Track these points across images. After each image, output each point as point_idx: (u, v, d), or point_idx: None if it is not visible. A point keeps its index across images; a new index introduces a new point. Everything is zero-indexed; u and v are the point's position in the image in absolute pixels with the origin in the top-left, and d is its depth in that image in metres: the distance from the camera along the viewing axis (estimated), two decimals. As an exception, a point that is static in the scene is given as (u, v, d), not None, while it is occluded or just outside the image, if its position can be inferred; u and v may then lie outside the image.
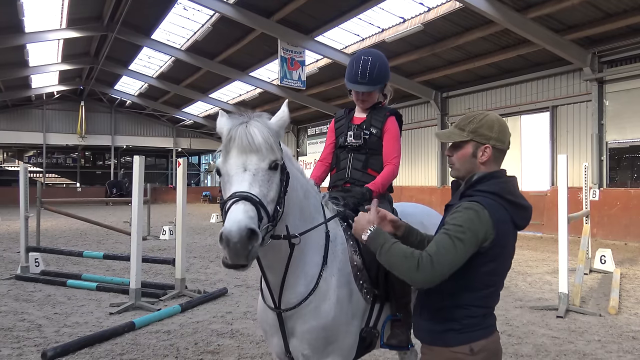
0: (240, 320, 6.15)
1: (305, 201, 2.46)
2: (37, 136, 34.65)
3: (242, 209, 1.88)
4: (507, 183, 2.18)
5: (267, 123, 2.14)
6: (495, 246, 2.07)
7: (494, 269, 2.12)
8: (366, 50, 3.21)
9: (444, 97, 19.89)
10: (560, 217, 6.59)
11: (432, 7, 14.43)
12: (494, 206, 2.08)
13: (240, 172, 2.01)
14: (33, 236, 10.67)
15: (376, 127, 3.11)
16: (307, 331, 2.40)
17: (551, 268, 9.51)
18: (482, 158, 2.19)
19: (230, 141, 2.05)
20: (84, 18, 19.63)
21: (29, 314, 6.36)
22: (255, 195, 1.95)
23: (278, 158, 2.08)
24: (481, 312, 2.15)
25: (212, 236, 15.44)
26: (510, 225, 2.14)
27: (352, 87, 3.13)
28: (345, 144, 3.16)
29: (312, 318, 2.40)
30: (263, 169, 2.03)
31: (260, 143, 2.02)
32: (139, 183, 6.69)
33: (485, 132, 2.18)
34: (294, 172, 2.37)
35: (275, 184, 2.08)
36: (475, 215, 2.03)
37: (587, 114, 14.79)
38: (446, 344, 2.14)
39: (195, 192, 39.20)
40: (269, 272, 2.42)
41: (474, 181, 2.19)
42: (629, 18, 12.28)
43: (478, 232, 2.01)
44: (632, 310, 6.64)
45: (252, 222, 1.86)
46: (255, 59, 21.03)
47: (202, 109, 33.27)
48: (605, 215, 13.63)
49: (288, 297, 2.41)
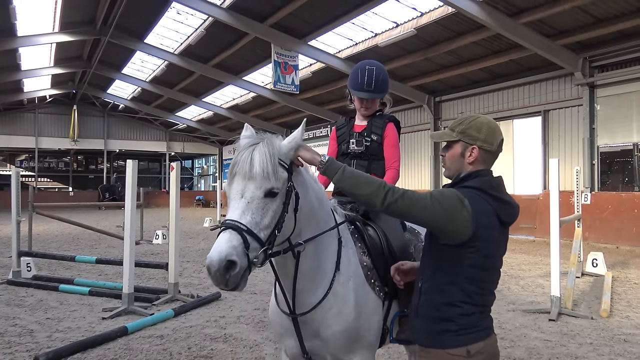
0: (233, 325, 6.14)
1: (320, 209, 2.56)
2: (29, 140, 34.47)
3: (226, 239, 2.02)
4: (491, 180, 2.26)
5: (275, 147, 2.22)
6: (475, 238, 2.11)
7: (477, 262, 2.14)
8: (368, 61, 3.35)
9: (437, 101, 19.98)
10: (552, 220, 6.64)
11: (425, 12, 14.51)
12: (475, 199, 2.15)
13: (237, 198, 2.14)
14: (25, 241, 10.62)
15: (377, 134, 3.25)
16: (332, 335, 2.52)
17: (543, 271, 9.56)
18: (470, 158, 2.28)
19: (234, 165, 2.18)
20: (77, 22, 19.57)
21: (21, 319, 6.32)
22: (243, 224, 2.07)
23: (275, 186, 2.15)
24: (475, 310, 2.16)
25: (205, 240, 15.40)
26: (495, 220, 2.18)
27: (357, 94, 3.26)
28: (347, 151, 3.28)
29: (335, 323, 2.51)
30: (258, 197, 2.13)
31: (257, 172, 2.11)
32: (132, 187, 6.67)
33: (473, 133, 2.27)
34: (309, 182, 2.49)
35: (272, 211, 2.16)
36: (455, 197, 2.13)
37: (578, 118, 14.92)
38: (442, 346, 2.15)
39: (188, 196, 39.12)
40: (284, 279, 2.53)
41: (460, 179, 2.29)
42: (619, 23, 12.41)
43: (454, 210, 2.10)
44: (624, 313, 6.68)
45: (234, 252, 2.00)
46: (248, 63, 21.05)
47: (195, 113, 33.23)
48: (597, 218, 13.72)
49: (302, 302, 2.51)
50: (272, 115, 28.85)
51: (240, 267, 2.00)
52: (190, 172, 48.22)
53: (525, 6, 12.68)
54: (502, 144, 2.32)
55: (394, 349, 5.12)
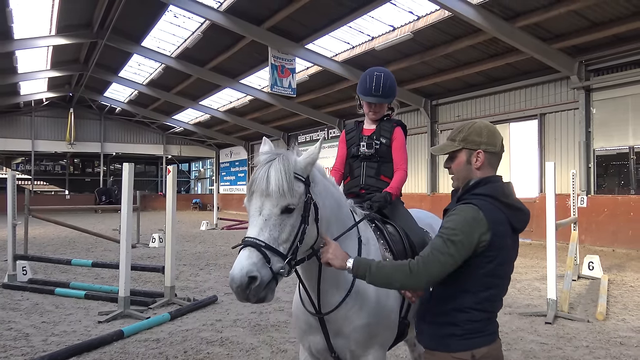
0: (230, 328, 6.13)
1: (339, 210, 2.67)
2: (25, 143, 34.36)
3: (246, 256, 2.13)
4: (502, 186, 2.24)
5: (290, 162, 2.30)
6: (491, 247, 2.11)
7: (491, 270, 2.14)
8: (376, 67, 3.50)
9: (433, 104, 20.02)
10: (548, 223, 6.66)
11: (422, 16, 14.54)
12: (489, 208, 2.13)
13: (256, 215, 2.24)
14: (21, 244, 10.59)
15: (385, 137, 3.43)
16: (354, 330, 2.62)
17: (540, 274, 9.57)
18: (477, 163, 2.26)
19: (252, 183, 2.28)
20: (74, 25, 19.53)
21: (16, 323, 6.30)
22: (262, 240, 2.17)
23: (291, 203, 2.24)
24: (483, 316, 2.18)
25: (202, 244, 15.38)
26: (508, 227, 2.17)
27: (366, 99, 3.42)
28: (358, 154, 3.44)
29: (357, 318, 2.61)
30: (275, 214, 2.22)
31: (273, 190, 2.20)
32: (128, 190, 6.66)
33: (475, 138, 2.27)
34: (327, 186, 2.61)
35: (289, 225, 2.26)
36: (469, 217, 2.09)
37: (574, 121, 14.96)
38: (448, 349, 2.17)
39: (185, 199, 39.11)
40: (308, 281, 2.64)
41: (471, 186, 2.26)
42: (615, 27, 12.45)
43: (472, 234, 2.07)
44: (620, 316, 6.69)
45: (255, 268, 2.11)
46: (245, 67, 21.04)
47: (192, 116, 33.19)
48: (593, 222, 13.75)
49: (327, 302, 2.61)
50: (269, 119, 28.84)
51: (261, 280, 2.11)
52: (187, 175, 48.16)
53: (522, 10, 12.73)
54: (503, 144, 2.33)
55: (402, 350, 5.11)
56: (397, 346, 5.20)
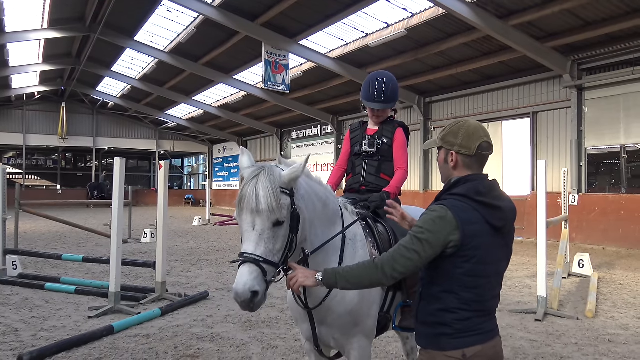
0: (220, 324, 6.12)
1: (325, 210, 2.78)
2: (16, 137, 34.11)
3: (247, 272, 2.29)
4: (477, 185, 2.23)
5: (275, 178, 2.38)
6: (464, 247, 2.12)
7: (471, 270, 2.14)
8: (379, 72, 3.65)
9: (427, 102, 20.05)
10: (539, 221, 6.68)
11: (416, 13, 14.55)
12: (460, 207, 2.15)
13: (250, 229, 2.36)
14: (11, 239, 10.51)
15: (387, 137, 3.58)
16: (337, 318, 2.77)
17: (531, 272, 9.62)
18: (451, 163, 2.32)
19: (241, 200, 2.37)
20: (66, 18, 19.39)
21: (5, 318, 6.26)
22: (259, 255, 2.32)
23: (280, 217, 2.36)
24: (471, 315, 2.17)
25: (194, 239, 15.35)
26: (485, 226, 2.16)
27: (369, 105, 3.59)
28: (360, 152, 3.61)
29: (339, 306, 2.75)
30: (268, 228, 2.35)
31: (263, 208, 2.31)
32: (119, 185, 6.63)
33: (450, 139, 2.31)
34: (313, 186, 2.72)
35: (282, 236, 2.40)
36: (436, 217, 2.15)
37: (566, 120, 15.04)
38: (440, 348, 2.19)
39: (178, 194, 38.99)
40: None
41: (450, 185, 2.30)
42: (608, 27, 12.52)
43: (439, 233, 2.12)
44: (609, 313, 6.75)
45: (256, 282, 2.28)
46: (239, 62, 20.98)
47: (185, 112, 33.06)
48: (584, 220, 13.84)
49: (314, 295, 2.74)
50: (263, 115, 28.78)
51: (261, 294, 2.30)
52: (180, 170, 48.00)
53: (515, 8, 12.76)
54: (485, 148, 2.29)
55: (393, 347, 5.13)
56: (388, 342, 5.27)
